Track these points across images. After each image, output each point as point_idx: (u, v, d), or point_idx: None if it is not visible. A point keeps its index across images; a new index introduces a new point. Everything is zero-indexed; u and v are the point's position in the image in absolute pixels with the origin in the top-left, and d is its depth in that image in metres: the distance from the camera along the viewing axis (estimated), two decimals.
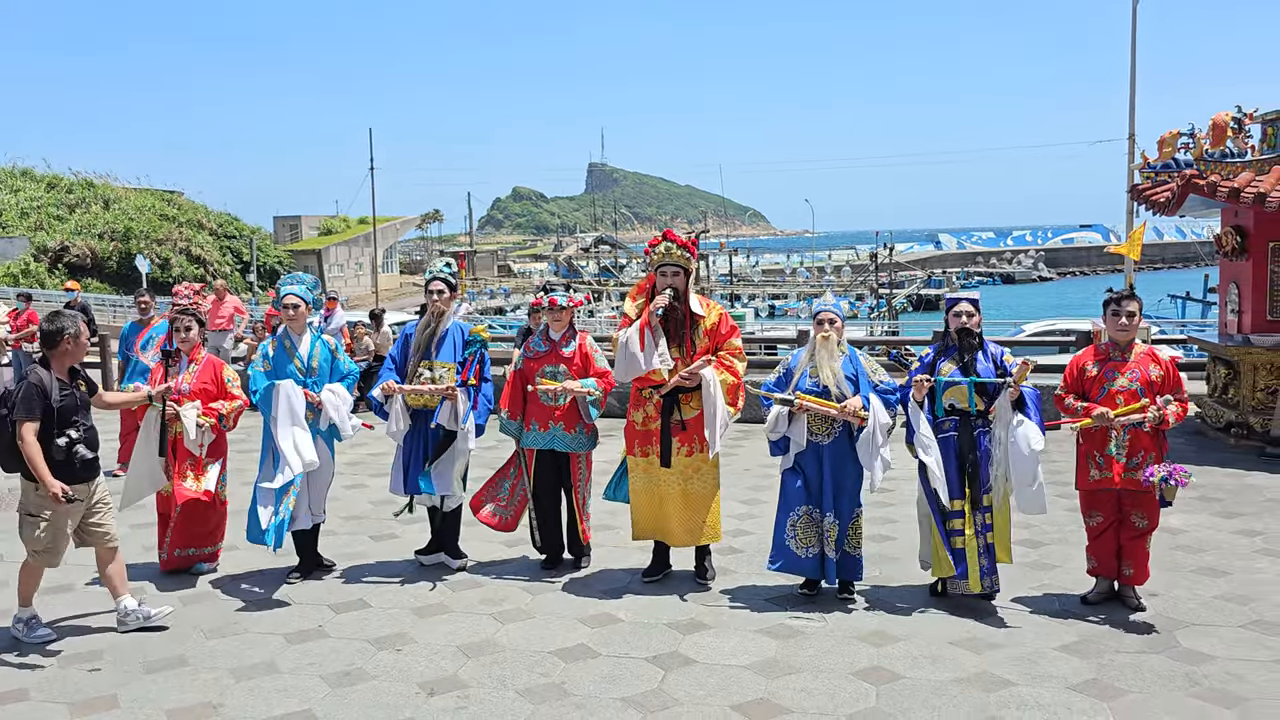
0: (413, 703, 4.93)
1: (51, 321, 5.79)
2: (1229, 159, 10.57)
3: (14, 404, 5.55)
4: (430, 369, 6.76)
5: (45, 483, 5.52)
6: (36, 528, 5.67)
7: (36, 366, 5.74)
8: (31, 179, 52.16)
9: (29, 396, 5.57)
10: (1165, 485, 5.75)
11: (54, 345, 5.75)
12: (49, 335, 5.77)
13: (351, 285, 60.92)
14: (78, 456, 5.71)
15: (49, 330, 5.77)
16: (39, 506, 5.64)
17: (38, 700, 5.01)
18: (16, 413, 5.53)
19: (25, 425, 5.52)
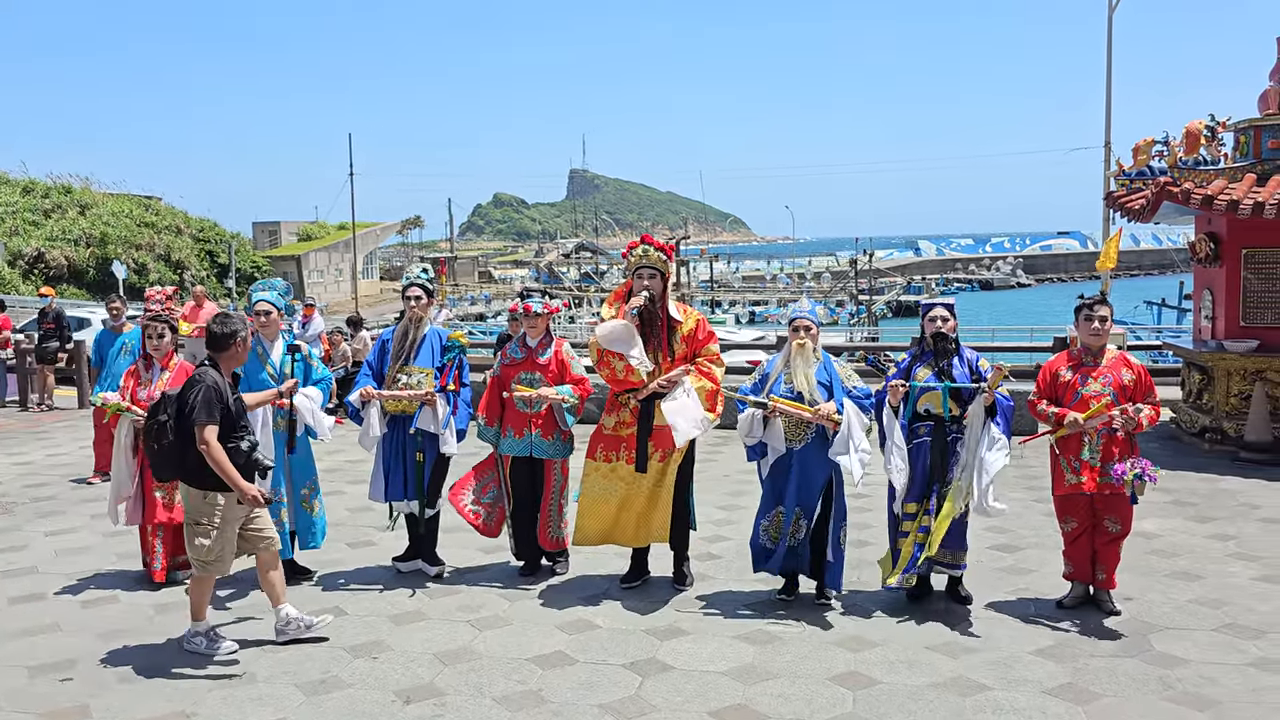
0: (389, 710, 4.90)
1: (223, 324, 5.61)
2: (1203, 167, 10.68)
3: (193, 408, 5.33)
4: (408, 375, 6.74)
5: (240, 488, 5.35)
6: (206, 537, 5.48)
7: (208, 369, 5.51)
8: (6, 184, 51.66)
9: (209, 400, 5.37)
10: (1137, 482, 5.80)
11: (225, 348, 5.58)
12: (222, 338, 5.57)
13: (331, 291, 60.66)
14: (258, 462, 5.54)
15: (222, 333, 5.58)
16: (208, 515, 5.47)
17: (8, 711, 4.95)
18: (198, 417, 5.32)
19: (209, 429, 5.33)
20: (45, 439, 12.79)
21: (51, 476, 10.39)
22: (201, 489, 5.46)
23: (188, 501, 5.56)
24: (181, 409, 5.41)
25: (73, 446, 12.08)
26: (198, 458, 5.38)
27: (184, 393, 5.44)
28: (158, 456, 5.51)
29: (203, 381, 5.43)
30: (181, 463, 5.45)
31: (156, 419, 5.47)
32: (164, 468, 5.56)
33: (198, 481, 5.46)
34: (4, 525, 8.46)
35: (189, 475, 5.47)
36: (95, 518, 8.56)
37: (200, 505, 5.49)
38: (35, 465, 11.04)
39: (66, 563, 7.33)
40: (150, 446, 5.53)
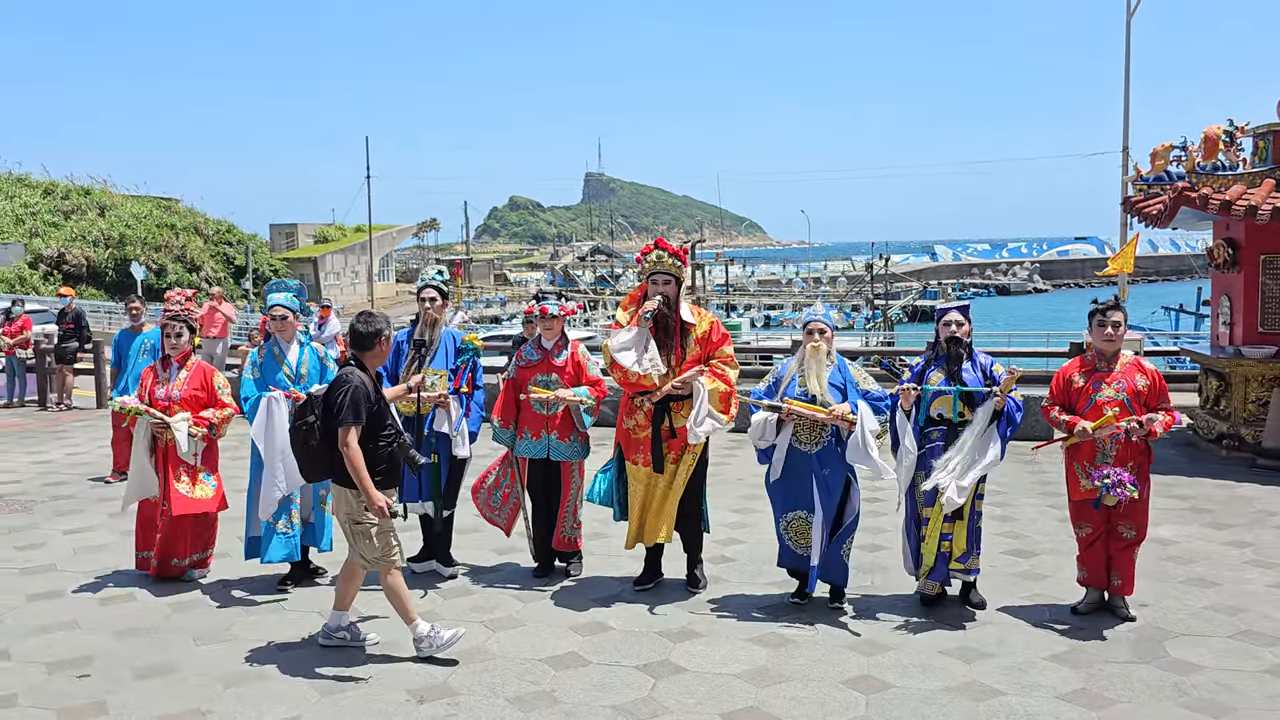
0: (403, 710, 4.93)
1: (369, 323, 5.55)
2: (1221, 172, 10.63)
3: (340, 408, 5.27)
4: (423, 376, 6.77)
5: (369, 495, 5.32)
6: (368, 536, 5.41)
7: (354, 369, 5.45)
8: (27, 185, 52.11)
9: (357, 400, 5.30)
10: (1105, 492, 5.80)
11: (370, 347, 5.53)
12: (367, 337, 5.52)
13: (348, 293, 60.93)
14: (413, 458, 5.51)
15: (367, 332, 5.52)
16: (363, 515, 5.40)
17: (26, 706, 5.00)
18: (345, 418, 5.27)
19: (352, 431, 5.28)
20: (64, 438, 12.90)
21: (70, 475, 10.48)
22: (353, 488, 5.38)
23: (342, 503, 5.48)
24: (329, 409, 5.35)
25: (91, 446, 12.17)
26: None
27: (331, 393, 5.38)
28: (307, 457, 5.47)
29: (350, 382, 5.34)
30: (331, 463, 5.39)
31: (304, 420, 5.39)
32: (314, 469, 5.52)
33: (349, 481, 5.37)
34: (23, 523, 8.54)
35: (340, 475, 5.40)
36: (113, 516, 8.62)
37: (355, 505, 5.40)
38: (54, 464, 11.13)
39: (85, 561, 7.39)
40: (298, 448, 5.49)
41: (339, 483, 5.46)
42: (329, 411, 5.36)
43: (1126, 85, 22.68)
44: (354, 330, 5.60)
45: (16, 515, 8.81)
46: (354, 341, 5.58)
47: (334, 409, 5.32)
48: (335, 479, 5.48)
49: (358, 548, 5.49)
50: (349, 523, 5.47)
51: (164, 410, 6.70)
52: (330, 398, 5.37)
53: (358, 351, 5.55)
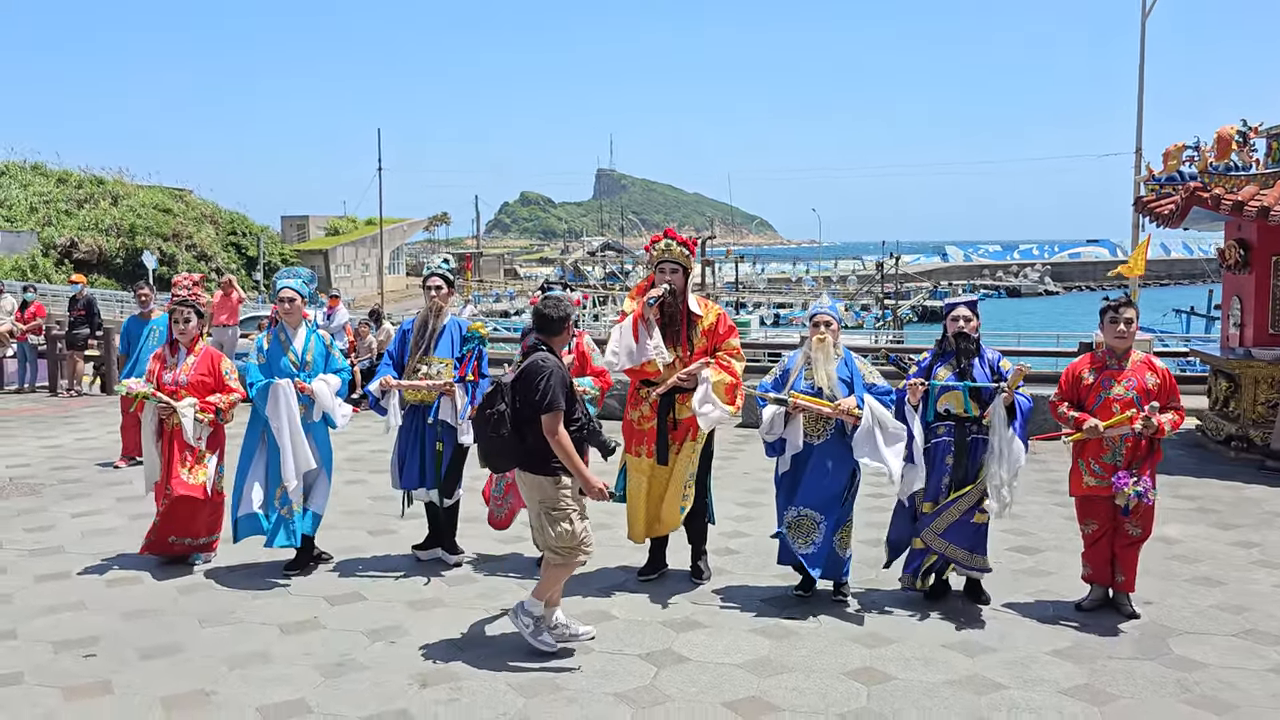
0: (406, 693, 4.95)
1: (557, 307, 5.44)
2: (1233, 172, 10.59)
3: (545, 394, 5.13)
4: (428, 365, 6.79)
5: (586, 479, 5.21)
6: (567, 522, 5.27)
7: (548, 354, 5.33)
8: (41, 174, 52.32)
9: (558, 387, 5.17)
10: (1134, 498, 5.79)
11: (559, 331, 5.43)
12: (557, 320, 5.41)
13: (358, 286, 61.03)
14: (605, 443, 5.42)
15: (557, 316, 5.41)
16: (562, 500, 5.27)
17: (31, 684, 5.03)
18: (552, 405, 5.14)
19: (558, 418, 5.16)
20: (73, 424, 12.96)
21: (79, 460, 10.53)
22: (549, 475, 5.27)
23: (535, 491, 5.32)
24: (527, 397, 5.20)
25: (100, 431, 12.23)
26: (541, 445, 5.21)
27: (528, 380, 5.21)
28: (495, 446, 5.28)
29: (548, 367, 5.21)
30: (520, 451, 5.26)
31: (494, 408, 5.22)
32: (502, 458, 5.35)
33: (543, 468, 5.26)
34: (32, 506, 8.58)
35: (533, 463, 5.27)
36: (121, 500, 8.67)
37: (552, 492, 5.27)
38: (64, 449, 11.19)
39: (92, 544, 7.43)
40: (486, 436, 5.28)
41: (530, 470, 5.29)
42: (529, 399, 5.18)
43: (1140, 85, 22.56)
44: (541, 314, 5.45)
45: (26, 498, 8.87)
46: (542, 325, 5.43)
47: (537, 396, 5.16)
48: (524, 467, 5.30)
49: (550, 536, 5.29)
50: (544, 510, 5.29)
51: (171, 395, 6.73)
52: (530, 384, 5.19)
53: (546, 336, 5.41)
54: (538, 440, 5.24)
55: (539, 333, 5.46)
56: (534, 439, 5.24)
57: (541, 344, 5.40)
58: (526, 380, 5.24)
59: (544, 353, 5.33)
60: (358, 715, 4.72)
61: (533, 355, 5.35)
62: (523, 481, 5.42)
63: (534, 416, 5.21)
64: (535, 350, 5.37)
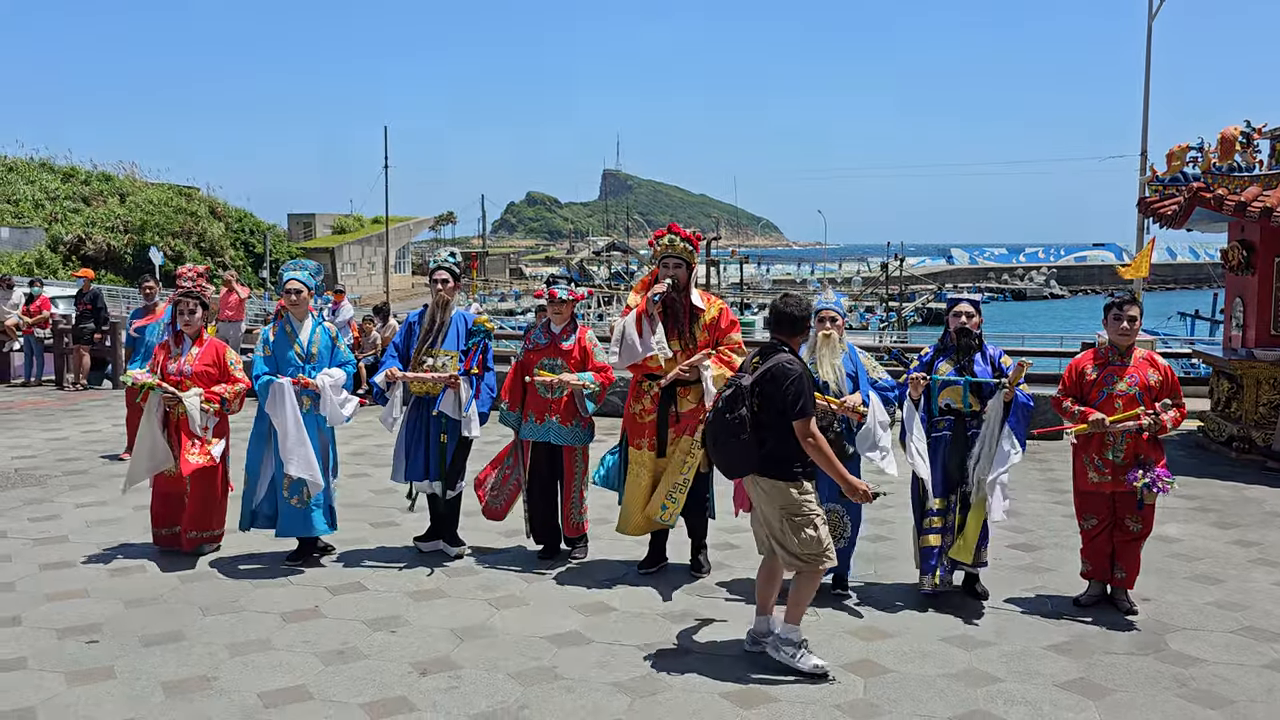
0: (405, 681, 4.99)
1: (796, 305, 5.22)
2: (1237, 173, 10.59)
3: (796, 398, 4.94)
4: (433, 357, 6.83)
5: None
6: (811, 528, 5.08)
7: (792, 357, 5.10)
8: (49, 170, 52.46)
9: (809, 389, 5.01)
10: (1146, 491, 5.81)
11: (800, 330, 5.25)
12: (799, 319, 5.21)
13: (364, 284, 61.10)
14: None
15: (799, 315, 5.20)
16: (805, 506, 5.09)
17: (35, 669, 5.08)
18: (804, 409, 4.95)
19: (811, 420, 4.98)
20: (79, 416, 13.02)
21: (85, 452, 10.59)
22: (791, 480, 5.08)
23: (775, 497, 5.11)
24: (771, 401, 5.00)
25: (106, 424, 12.29)
26: (786, 450, 5.05)
27: (775, 383, 5.00)
28: (734, 451, 5.05)
29: (796, 370, 5.02)
30: (758, 456, 5.05)
31: (735, 413, 5.00)
32: (741, 463, 5.10)
33: (784, 473, 5.08)
34: (38, 496, 8.64)
35: (773, 468, 5.08)
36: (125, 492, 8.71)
37: (795, 498, 5.08)
38: (69, 441, 11.24)
39: (96, 533, 7.48)
40: (726, 442, 5.05)
41: (770, 475, 5.10)
42: (774, 402, 5.01)
43: (1146, 88, 22.56)
44: (782, 313, 5.24)
45: (32, 489, 8.92)
46: (782, 324, 5.23)
47: (788, 399, 4.98)
48: (763, 472, 5.10)
49: (792, 543, 5.08)
50: (785, 517, 5.09)
51: (176, 385, 6.78)
52: (778, 387, 4.99)
53: (786, 335, 5.22)
54: (779, 444, 5.05)
55: (778, 332, 5.24)
56: (775, 443, 5.05)
57: (781, 344, 5.20)
58: (773, 383, 5.01)
59: (787, 354, 5.12)
60: (357, 702, 4.76)
61: (775, 356, 5.12)
62: (759, 488, 5.17)
63: (775, 420, 5.02)
64: (774, 350, 5.16)
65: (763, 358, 5.18)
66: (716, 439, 5.12)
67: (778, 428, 5.05)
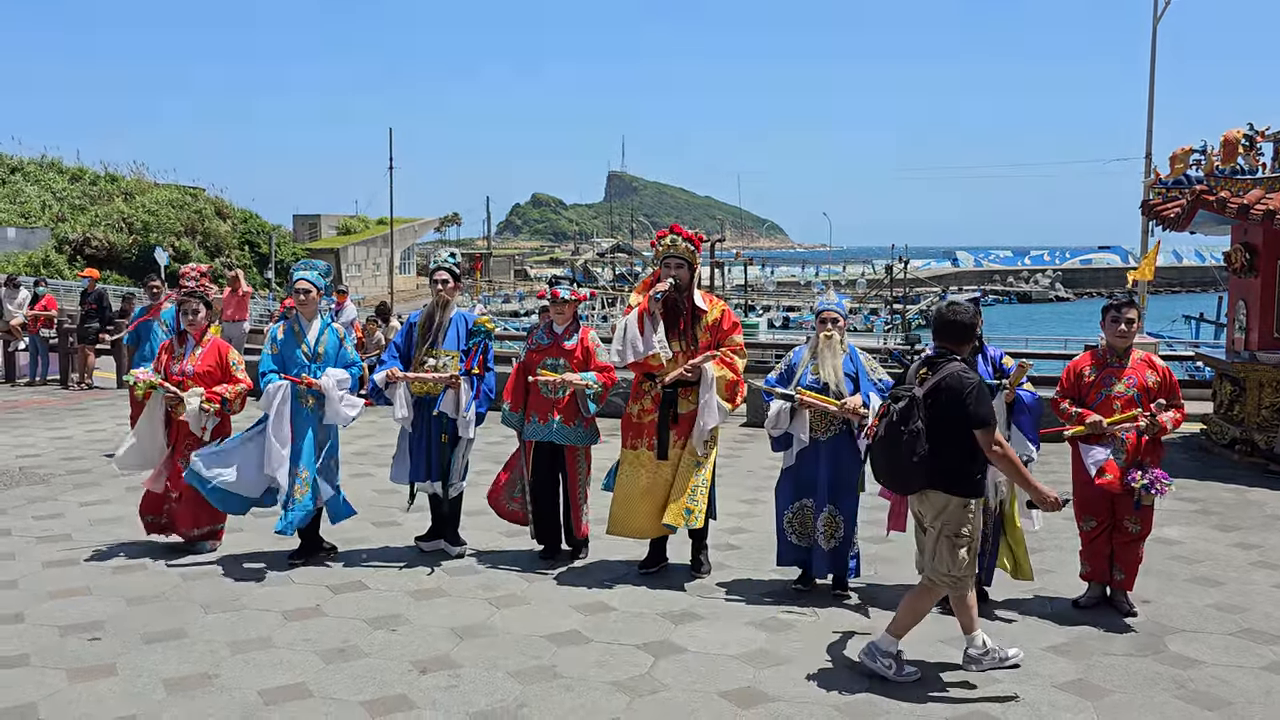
0: (405, 679, 5.01)
1: (960, 313, 5.09)
2: (1239, 176, 10.58)
3: (978, 410, 4.82)
4: (434, 357, 6.85)
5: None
6: (966, 548, 4.95)
7: (964, 366, 4.97)
8: (57, 170, 52.63)
9: (989, 399, 4.90)
10: (1144, 493, 5.82)
11: (969, 338, 5.13)
12: (968, 328, 5.08)
13: (369, 285, 61.17)
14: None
15: (968, 322, 5.07)
16: (969, 523, 4.97)
17: (37, 666, 5.11)
18: (987, 418, 4.84)
19: (994, 430, 4.87)
20: (83, 415, 13.07)
21: (88, 451, 10.63)
22: (961, 495, 4.94)
23: (942, 512, 4.97)
24: (948, 411, 4.86)
25: (110, 423, 12.33)
26: (961, 462, 4.92)
27: (952, 394, 4.85)
28: (909, 467, 4.87)
29: (972, 380, 4.88)
30: (933, 469, 4.88)
31: (909, 426, 4.84)
32: (915, 478, 4.92)
33: (956, 488, 4.93)
34: (41, 495, 8.68)
35: (949, 483, 4.93)
36: (129, 490, 8.74)
37: (960, 514, 4.94)
38: (73, 440, 11.28)
39: (99, 532, 7.52)
40: (900, 457, 4.88)
41: (942, 489, 4.94)
42: (950, 413, 4.86)
43: (1151, 91, 22.54)
44: (948, 321, 5.09)
45: (36, 487, 8.96)
46: (948, 333, 5.08)
47: (968, 410, 4.82)
48: (934, 485, 4.95)
49: (945, 561, 4.96)
50: (945, 534, 4.94)
51: (178, 385, 6.80)
52: (957, 398, 4.84)
53: (954, 344, 5.08)
54: (954, 457, 4.90)
55: (945, 341, 5.09)
56: (950, 456, 4.90)
57: (949, 353, 5.05)
58: (950, 393, 4.86)
59: (959, 363, 4.97)
60: (357, 700, 4.78)
61: (948, 366, 4.96)
62: (926, 501, 5.02)
63: (950, 432, 4.88)
64: (944, 360, 5.01)
65: (931, 369, 5.02)
66: (889, 453, 4.94)
67: (953, 440, 4.89)
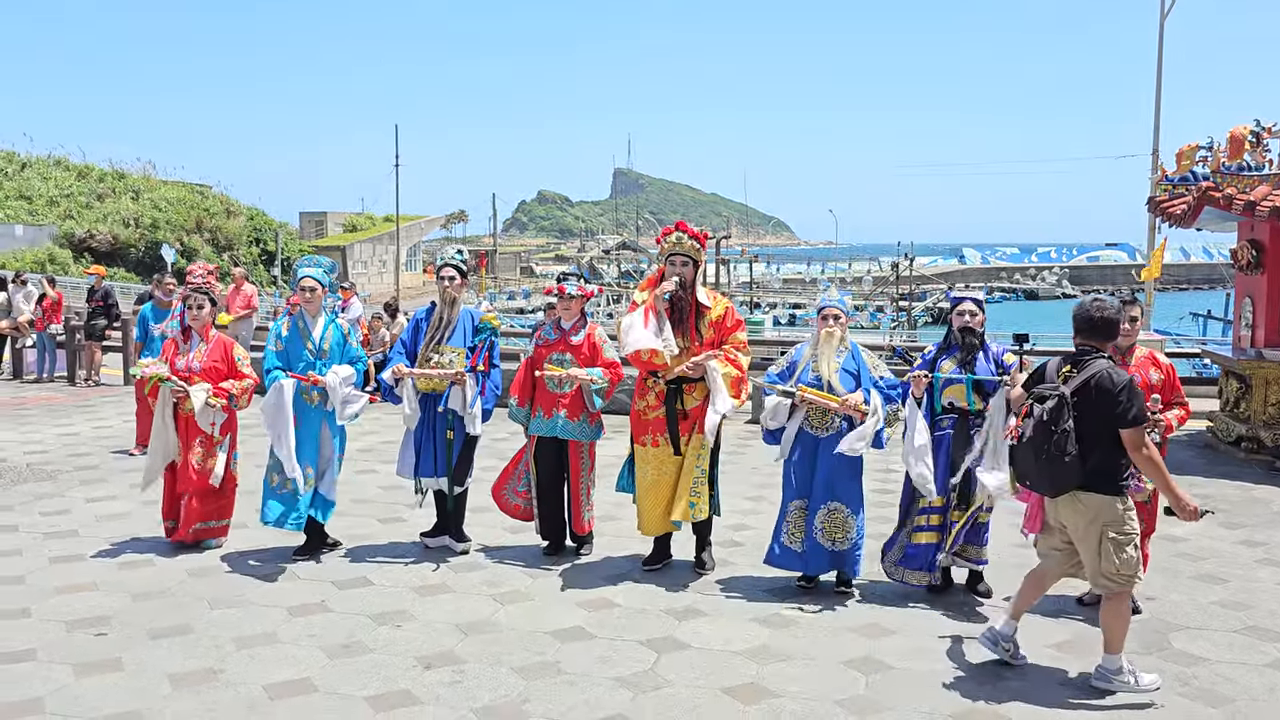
0: (409, 675, 5.03)
1: (1105, 308, 4.99)
2: (1246, 172, 10.56)
3: (1131, 408, 4.71)
4: (440, 354, 6.87)
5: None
6: (1132, 547, 4.86)
7: (1109, 361, 4.88)
8: (64, 168, 52.76)
9: (1140, 397, 4.78)
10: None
11: (1114, 334, 5.02)
12: (1114, 324, 4.98)
13: (375, 282, 61.25)
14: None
15: (1114, 319, 4.98)
16: (1128, 523, 4.87)
17: (44, 661, 5.13)
18: (1139, 417, 4.73)
19: (1144, 430, 4.78)
20: (90, 412, 13.12)
21: (95, 447, 10.66)
22: (1115, 495, 4.85)
23: (1097, 514, 4.84)
24: (1099, 410, 4.77)
25: (116, 420, 12.38)
26: (1112, 462, 4.82)
27: (1104, 392, 4.76)
28: (1060, 468, 4.77)
29: (1124, 378, 4.78)
30: (1082, 470, 4.78)
31: (1060, 426, 4.74)
32: (1065, 479, 4.81)
33: (1108, 488, 4.84)
34: (49, 491, 8.71)
35: (1100, 482, 4.83)
36: (135, 487, 8.74)
37: (1120, 514, 4.85)
38: (80, 436, 11.33)
39: (106, 527, 7.55)
40: (1051, 457, 4.77)
41: (1094, 490, 4.84)
42: (1102, 411, 4.77)
43: (1158, 87, 22.50)
44: (1092, 318, 4.98)
45: (43, 483, 9.00)
46: (1093, 329, 4.98)
47: (1118, 409, 4.73)
48: (1085, 487, 4.85)
49: (1112, 563, 4.85)
50: (1106, 535, 4.85)
51: (184, 380, 6.83)
52: (1109, 397, 4.75)
53: (1099, 340, 4.99)
54: (1105, 456, 4.81)
55: (1090, 337, 4.99)
56: (1101, 455, 4.80)
57: (1095, 350, 4.97)
58: (1101, 392, 4.78)
59: (1107, 360, 4.89)
60: (362, 695, 4.80)
61: (1095, 364, 4.87)
62: (1078, 504, 4.90)
63: (1099, 431, 4.79)
64: (1090, 357, 4.92)
65: (1076, 366, 4.93)
66: (1039, 454, 4.83)
67: (1103, 439, 4.80)
